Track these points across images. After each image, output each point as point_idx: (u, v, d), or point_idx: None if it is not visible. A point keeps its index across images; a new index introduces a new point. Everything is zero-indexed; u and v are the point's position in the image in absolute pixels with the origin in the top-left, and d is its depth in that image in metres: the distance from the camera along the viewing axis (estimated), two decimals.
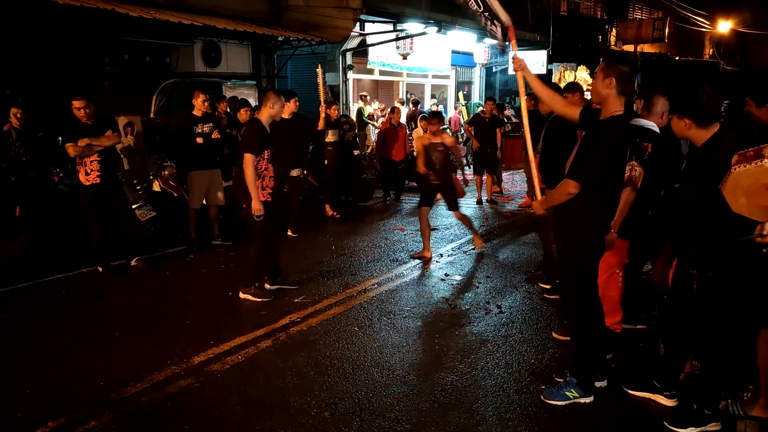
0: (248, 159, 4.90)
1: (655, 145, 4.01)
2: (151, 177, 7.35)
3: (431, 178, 6.37)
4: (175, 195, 7.13)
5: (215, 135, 6.75)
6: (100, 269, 5.93)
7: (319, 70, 7.40)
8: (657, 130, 4.12)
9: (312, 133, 8.92)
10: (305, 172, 8.59)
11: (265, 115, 5.10)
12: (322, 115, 7.71)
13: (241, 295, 5.25)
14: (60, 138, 5.94)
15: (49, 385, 3.69)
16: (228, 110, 8.31)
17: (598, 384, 3.55)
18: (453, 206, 6.59)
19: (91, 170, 5.67)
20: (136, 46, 8.60)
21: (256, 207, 4.94)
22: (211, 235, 7.12)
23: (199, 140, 6.61)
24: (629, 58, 3.77)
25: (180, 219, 7.06)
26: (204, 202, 6.97)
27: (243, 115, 7.82)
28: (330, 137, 8.72)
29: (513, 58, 3.63)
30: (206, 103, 6.73)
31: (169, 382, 3.73)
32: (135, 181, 7.08)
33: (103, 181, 5.72)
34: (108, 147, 5.75)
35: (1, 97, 7.02)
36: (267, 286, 5.40)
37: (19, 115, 6.18)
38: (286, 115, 7.18)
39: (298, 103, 7.19)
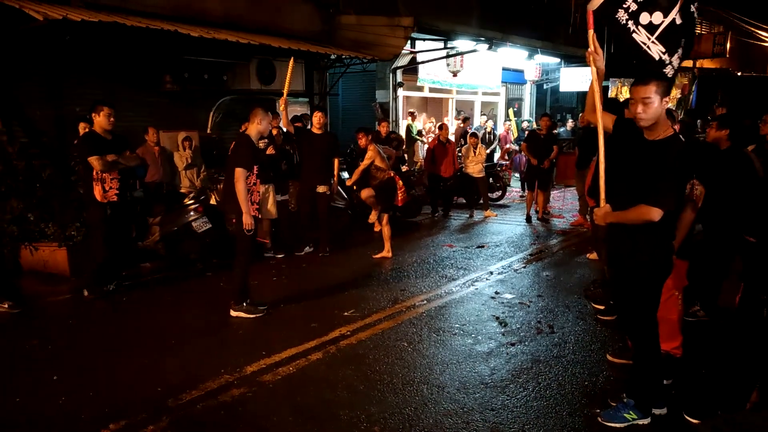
0: (240, 173, 4.92)
1: (713, 162, 3.89)
2: (208, 191, 7.60)
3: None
4: None
5: (270, 151, 6.92)
6: (86, 293, 5.63)
7: (291, 62, 6.55)
8: None
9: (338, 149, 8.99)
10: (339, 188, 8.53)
11: (253, 131, 5.13)
12: (281, 105, 6.70)
13: (233, 314, 5.16)
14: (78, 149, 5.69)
15: (110, 389, 3.84)
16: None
17: (657, 412, 3.42)
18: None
19: (110, 187, 5.54)
20: (195, 65, 8.95)
21: (248, 221, 4.96)
22: (264, 247, 7.27)
23: None
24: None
25: None
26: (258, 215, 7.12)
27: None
28: None
29: (592, 38, 3.33)
30: None
31: (222, 390, 3.82)
32: (191, 194, 7.33)
33: (121, 200, 5.62)
34: (131, 167, 5.72)
35: (72, 113, 7.44)
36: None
37: (87, 129, 6.51)
38: (316, 130, 7.30)
39: (325, 119, 7.42)
